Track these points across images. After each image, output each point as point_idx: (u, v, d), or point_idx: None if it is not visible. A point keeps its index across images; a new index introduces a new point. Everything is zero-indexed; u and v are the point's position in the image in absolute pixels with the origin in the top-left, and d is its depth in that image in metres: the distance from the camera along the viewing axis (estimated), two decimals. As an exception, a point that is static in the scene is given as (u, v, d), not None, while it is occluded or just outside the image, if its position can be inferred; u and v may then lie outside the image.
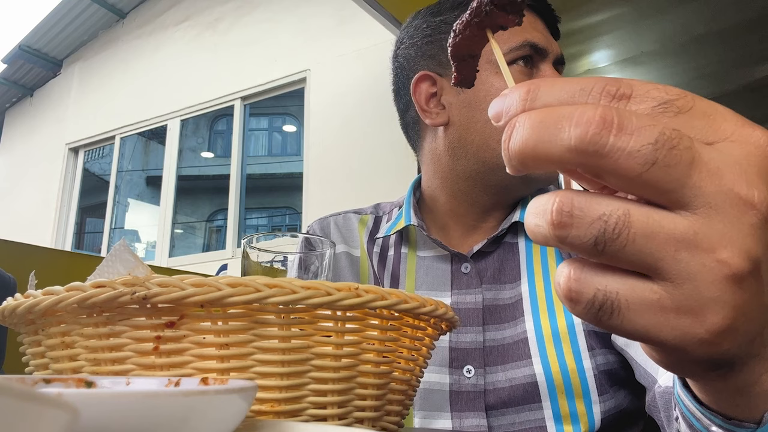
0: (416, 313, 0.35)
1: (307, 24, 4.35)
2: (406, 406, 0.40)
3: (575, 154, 0.20)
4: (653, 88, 0.22)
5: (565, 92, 0.22)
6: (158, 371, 0.31)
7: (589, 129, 0.20)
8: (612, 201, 0.21)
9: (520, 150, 0.21)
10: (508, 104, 0.23)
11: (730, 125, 0.21)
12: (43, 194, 5.67)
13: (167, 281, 0.30)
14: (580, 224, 0.21)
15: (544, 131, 0.21)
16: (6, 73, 6.28)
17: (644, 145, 0.20)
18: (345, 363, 0.34)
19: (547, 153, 0.21)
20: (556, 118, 0.21)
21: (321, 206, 3.80)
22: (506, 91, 0.23)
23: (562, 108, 0.21)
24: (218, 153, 6.23)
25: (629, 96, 0.22)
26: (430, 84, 0.77)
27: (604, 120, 0.20)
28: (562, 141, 0.20)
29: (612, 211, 0.20)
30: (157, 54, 5.41)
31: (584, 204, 0.21)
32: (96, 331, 0.32)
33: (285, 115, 6.20)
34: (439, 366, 0.71)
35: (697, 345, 0.21)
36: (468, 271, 0.75)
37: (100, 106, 5.71)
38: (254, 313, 0.32)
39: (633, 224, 0.20)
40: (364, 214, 0.88)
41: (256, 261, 0.48)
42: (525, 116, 0.22)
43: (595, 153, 0.20)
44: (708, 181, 0.20)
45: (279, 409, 0.32)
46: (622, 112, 0.20)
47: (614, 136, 0.20)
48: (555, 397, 0.67)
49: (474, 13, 0.31)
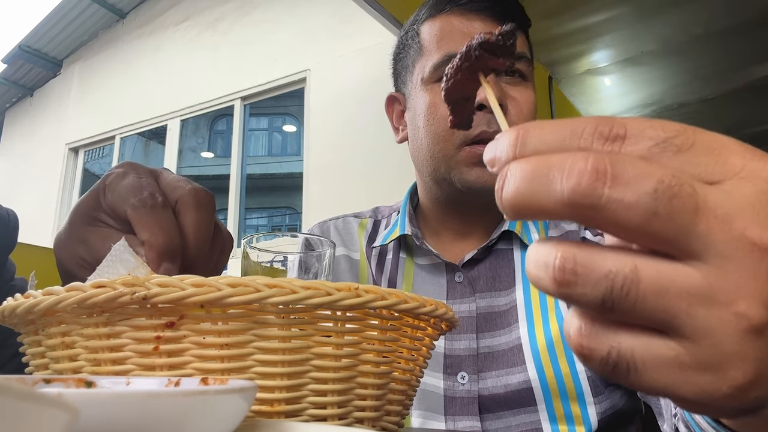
0: (416, 313, 0.35)
1: (307, 24, 4.35)
2: (406, 406, 0.40)
3: (569, 208, 0.19)
4: (648, 126, 0.20)
5: (555, 136, 0.21)
6: (158, 371, 0.31)
7: (581, 181, 0.19)
8: (617, 256, 0.19)
9: (513, 201, 0.20)
10: (500, 150, 0.22)
11: (738, 159, 0.20)
12: (43, 194, 5.66)
13: (167, 281, 0.30)
14: (585, 282, 0.19)
15: (536, 182, 0.20)
16: (6, 73, 6.28)
17: (642, 195, 0.18)
18: (345, 363, 0.34)
19: (540, 206, 0.20)
20: (547, 167, 0.19)
21: (321, 206, 3.80)
22: (498, 136, 0.22)
23: (552, 157, 0.20)
24: (218, 153, 6.23)
25: (623, 137, 0.20)
26: (398, 103, 0.84)
27: (596, 170, 0.18)
28: (554, 194, 0.19)
29: (618, 269, 0.19)
30: (157, 54, 5.41)
31: (588, 261, 0.19)
32: (96, 331, 0.32)
33: (285, 115, 6.20)
34: (433, 371, 0.71)
35: (721, 399, 0.19)
36: (461, 281, 0.76)
37: (100, 106, 5.71)
38: (254, 313, 0.32)
39: (642, 280, 0.19)
40: (363, 218, 0.89)
41: (256, 261, 0.48)
42: (516, 165, 0.20)
43: (591, 206, 0.19)
44: (717, 229, 0.18)
45: (279, 409, 0.32)
46: (616, 160, 0.19)
47: (609, 187, 0.18)
48: (550, 399, 0.67)
49: (464, 58, 0.31)
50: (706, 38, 3.60)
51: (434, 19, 0.77)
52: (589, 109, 4.77)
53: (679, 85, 4.26)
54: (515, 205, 0.20)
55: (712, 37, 3.58)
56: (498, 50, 0.31)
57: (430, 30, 0.77)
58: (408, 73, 0.80)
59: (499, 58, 0.31)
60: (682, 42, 3.66)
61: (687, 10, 3.31)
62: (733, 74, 3.97)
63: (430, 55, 0.75)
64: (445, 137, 0.73)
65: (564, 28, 3.63)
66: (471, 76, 0.32)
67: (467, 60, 0.31)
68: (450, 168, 0.73)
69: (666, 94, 4.40)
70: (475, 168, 0.72)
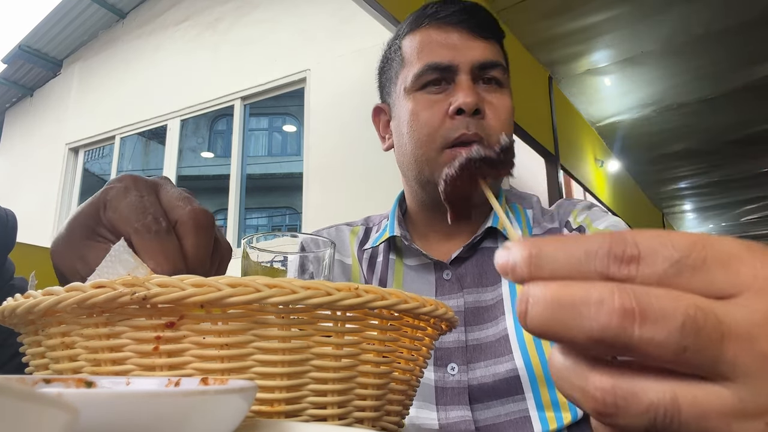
0: (416, 313, 0.35)
1: (307, 24, 4.34)
2: (406, 406, 0.40)
3: (600, 345, 0.20)
4: (660, 244, 0.21)
5: (569, 257, 0.22)
6: (158, 371, 0.31)
7: (611, 321, 0.20)
8: (656, 385, 0.20)
9: (539, 330, 0.21)
10: (512, 262, 0.23)
11: (748, 270, 0.20)
12: (43, 194, 5.66)
13: (167, 281, 0.30)
14: (625, 414, 0.20)
15: (564, 315, 0.20)
16: (6, 73, 6.27)
17: (671, 332, 0.19)
18: (345, 363, 0.34)
19: (572, 339, 0.21)
20: (571, 299, 0.20)
21: (321, 206, 3.80)
22: (509, 245, 0.23)
23: (575, 288, 0.21)
24: (218, 153, 6.23)
25: (637, 258, 0.21)
26: (384, 113, 0.89)
27: (624, 310, 0.19)
28: (583, 330, 0.20)
29: (659, 400, 0.20)
30: (157, 54, 5.41)
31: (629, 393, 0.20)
32: (96, 331, 0.32)
33: (285, 115, 6.20)
34: None
35: None
36: (449, 278, 0.80)
37: (100, 106, 5.71)
38: (254, 314, 0.32)
39: (682, 408, 0.20)
40: (355, 225, 0.94)
41: (256, 261, 0.48)
42: (537, 291, 0.21)
43: (622, 345, 0.20)
44: (741, 351, 0.19)
45: (279, 409, 0.32)
46: (641, 296, 0.20)
47: (638, 327, 0.19)
48: (537, 387, 0.71)
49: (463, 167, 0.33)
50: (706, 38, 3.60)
51: (414, 33, 0.83)
52: (589, 109, 4.77)
53: (679, 85, 4.25)
54: (542, 333, 0.21)
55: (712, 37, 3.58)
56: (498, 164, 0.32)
57: (411, 43, 0.82)
58: (392, 84, 0.85)
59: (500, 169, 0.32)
60: (682, 42, 3.66)
61: (687, 10, 3.32)
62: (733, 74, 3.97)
63: (411, 65, 0.80)
64: (427, 141, 0.77)
65: (564, 28, 3.63)
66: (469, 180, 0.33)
67: (467, 170, 0.33)
68: (433, 170, 0.77)
69: (666, 94, 4.39)
70: None
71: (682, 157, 5.78)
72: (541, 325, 0.21)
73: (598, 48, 3.84)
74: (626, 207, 5.98)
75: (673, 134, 5.12)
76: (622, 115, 4.86)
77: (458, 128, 0.75)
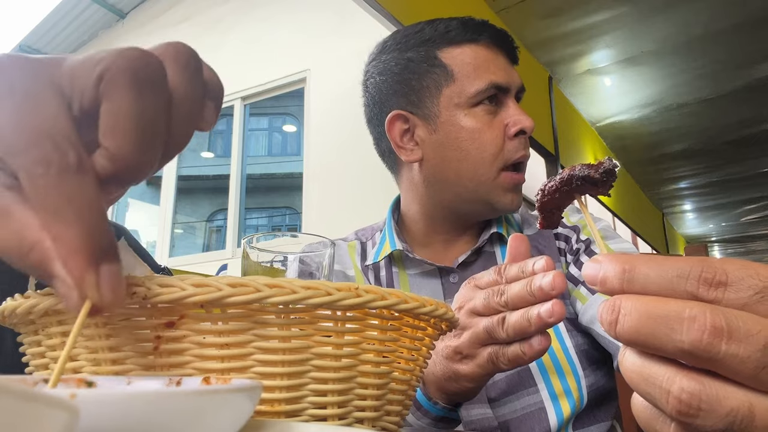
0: (416, 313, 0.35)
1: (307, 24, 4.35)
2: (406, 406, 0.40)
3: (687, 355, 0.22)
4: (747, 275, 0.23)
5: (662, 277, 0.24)
6: (158, 371, 0.31)
7: (703, 337, 0.22)
8: (737, 393, 0.22)
9: (630, 338, 0.24)
10: (604, 275, 0.25)
11: None
12: (43, 194, 5.66)
13: (167, 281, 0.30)
14: (706, 416, 0.22)
15: (656, 327, 0.23)
16: (6, 73, 6.27)
17: (754, 351, 0.21)
18: (345, 363, 0.34)
19: (660, 348, 0.23)
20: (666, 315, 0.23)
21: (321, 206, 3.80)
22: (600, 258, 0.26)
23: (669, 304, 0.23)
24: (218, 153, 6.23)
25: (725, 283, 0.23)
26: (403, 122, 0.83)
27: (714, 327, 0.22)
28: (674, 342, 0.22)
29: (738, 407, 0.22)
30: (157, 54, 5.40)
31: (713, 398, 0.22)
32: (96, 331, 0.32)
33: (285, 115, 6.20)
34: None
35: None
36: (456, 281, 0.82)
37: (100, 106, 5.71)
38: (254, 313, 0.32)
39: (756, 417, 0.22)
40: (350, 240, 0.94)
41: (256, 261, 0.48)
42: (629, 303, 0.24)
43: (709, 359, 0.22)
44: None
45: (279, 409, 0.32)
46: (730, 317, 0.22)
47: (726, 344, 0.22)
48: (548, 377, 0.73)
49: (564, 183, 0.35)
50: (706, 38, 3.60)
51: (460, 47, 0.81)
52: (589, 109, 4.77)
53: (679, 85, 4.26)
54: (632, 341, 0.24)
55: (712, 37, 3.58)
56: (599, 184, 0.34)
57: (461, 57, 0.80)
58: (430, 95, 0.81)
59: (599, 188, 0.34)
60: (682, 42, 3.66)
61: (687, 10, 3.31)
62: (733, 74, 3.97)
63: (468, 80, 0.79)
64: (491, 161, 0.79)
65: (564, 28, 3.63)
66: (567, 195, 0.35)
67: (567, 185, 0.34)
68: (489, 190, 0.79)
69: (666, 94, 4.40)
70: (509, 193, 0.80)
71: (682, 157, 5.79)
72: (633, 334, 0.23)
73: (598, 48, 3.84)
74: (626, 207, 5.99)
75: (673, 134, 5.13)
76: (622, 115, 4.87)
77: (518, 149, 0.79)
